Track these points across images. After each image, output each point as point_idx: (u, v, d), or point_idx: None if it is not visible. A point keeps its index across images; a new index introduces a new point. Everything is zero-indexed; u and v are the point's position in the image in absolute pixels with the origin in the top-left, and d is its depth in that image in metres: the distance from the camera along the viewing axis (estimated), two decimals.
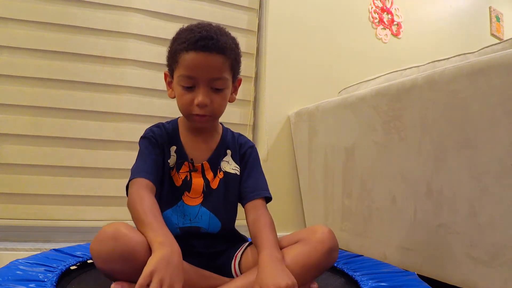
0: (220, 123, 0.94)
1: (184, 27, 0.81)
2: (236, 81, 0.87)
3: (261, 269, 0.66)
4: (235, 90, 0.88)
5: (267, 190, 0.88)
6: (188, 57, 0.76)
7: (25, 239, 1.39)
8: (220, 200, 0.85)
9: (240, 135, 0.95)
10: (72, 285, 0.78)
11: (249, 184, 0.87)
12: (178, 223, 0.82)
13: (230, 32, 0.83)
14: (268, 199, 0.87)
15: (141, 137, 0.85)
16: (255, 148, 0.94)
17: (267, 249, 0.70)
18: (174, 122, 0.90)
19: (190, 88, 0.78)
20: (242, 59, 0.87)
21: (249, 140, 0.95)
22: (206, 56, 0.75)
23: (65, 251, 0.94)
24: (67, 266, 0.84)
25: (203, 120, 0.80)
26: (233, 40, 0.82)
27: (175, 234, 0.79)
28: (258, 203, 0.85)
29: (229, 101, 0.87)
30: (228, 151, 0.89)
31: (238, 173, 0.88)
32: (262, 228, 0.77)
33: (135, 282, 0.58)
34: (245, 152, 0.91)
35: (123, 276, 0.63)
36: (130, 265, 0.62)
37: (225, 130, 0.93)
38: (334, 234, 0.73)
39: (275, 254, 0.69)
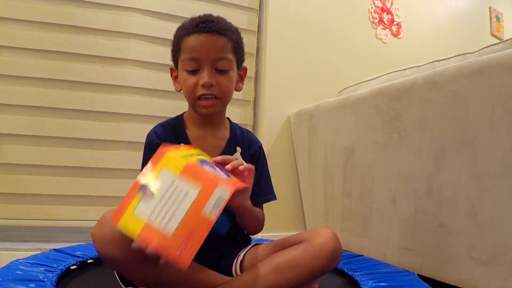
0: (227, 118, 0.92)
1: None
2: (241, 69, 0.86)
3: None
4: (241, 79, 0.87)
5: (273, 192, 0.89)
6: (190, 40, 0.77)
7: (25, 239, 1.39)
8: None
9: (248, 131, 0.93)
10: (72, 285, 0.78)
11: (258, 188, 0.86)
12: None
13: None
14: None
15: (146, 139, 0.84)
16: (263, 148, 0.93)
17: None
18: (179, 119, 0.87)
19: (194, 72, 0.78)
20: None
21: (257, 139, 0.94)
22: (208, 36, 0.76)
23: (65, 251, 0.94)
24: (67, 266, 0.85)
25: (209, 104, 0.78)
26: (234, 26, 0.83)
27: None
28: (260, 206, 0.87)
29: (236, 90, 0.86)
30: (238, 149, 0.87)
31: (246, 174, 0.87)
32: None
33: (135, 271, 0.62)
34: (255, 152, 0.89)
35: (122, 261, 0.62)
36: (130, 250, 0.61)
37: (234, 126, 0.91)
38: (338, 237, 0.73)
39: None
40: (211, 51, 0.76)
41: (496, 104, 0.83)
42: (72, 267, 0.86)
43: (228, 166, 0.65)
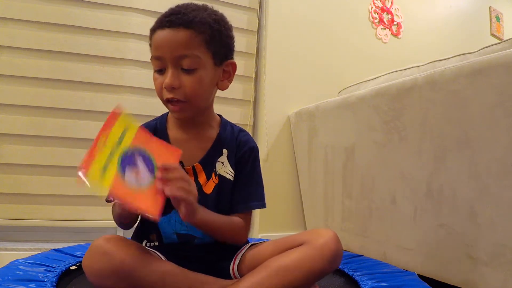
0: (219, 115, 0.85)
1: None
2: (225, 64, 0.76)
3: None
4: (227, 76, 0.78)
5: (261, 200, 0.82)
6: (155, 37, 0.71)
7: (25, 239, 1.39)
8: (214, 208, 0.77)
9: (241, 130, 0.85)
10: (72, 285, 0.78)
11: (241, 194, 0.80)
12: (176, 229, 0.78)
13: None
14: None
15: None
16: (256, 149, 0.84)
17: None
18: (163, 118, 0.83)
19: (161, 71, 0.71)
20: (242, 58, 0.81)
21: (251, 139, 0.85)
22: (170, 31, 0.69)
23: (65, 251, 0.94)
24: (67, 266, 0.85)
25: (177, 109, 0.72)
26: (214, 15, 0.73)
27: (172, 240, 0.78)
28: (242, 215, 0.80)
29: (220, 88, 0.78)
30: (224, 151, 0.80)
31: (232, 179, 0.80)
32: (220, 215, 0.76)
33: None
34: (243, 154, 0.81)
35: None
36: (124, 281, 0.61)
37: (224, 125, 0.83)
38: (339, 238, 0.71)
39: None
40: (173, 49, 0.68)
41: (496, 104, 0.83)
42: (72, 267, 0.86)
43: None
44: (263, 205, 0.82)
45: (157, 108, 1.55)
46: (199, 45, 0.70)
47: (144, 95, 1.56)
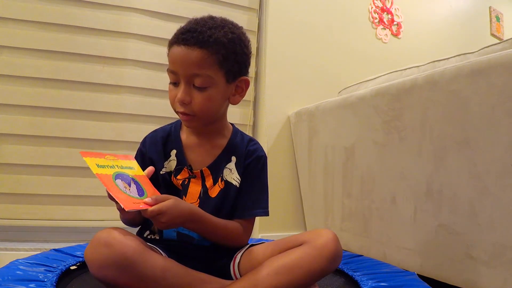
0: (232, 124, 0.88)
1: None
2: (238, 80, 0.78)
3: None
4: (239, 91, 0.80)
5: (265, 208, 0.83)
6: (172, 51, 0.74)
7: (25, 239, 1.39)
8: (215, 212, 0.78)
9: (251, 140, 0.87)
10: (72, 285, 0.78)
11: (245, 200, 0.81)
12: (177, 228, 0.78)
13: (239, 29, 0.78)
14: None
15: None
16: (265, 158, 0.86)
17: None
18: (177, 123, 0.86)
19: (175, 84, 0.74)
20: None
21: (260, 148, 0.87)
22: (184, 49, 0.71)
23: (65, 251, 0.94)
24: (67, 266, 0.85)
25: (187, 119, 0.75)
26: (229, 34, 0.74)
27: (172, 237, 0.79)
28: (244, 220, 0.82)
29: (232, 103, 0.81)
30: (233, 158, 0.83)
31: (238, 185, 0.82)
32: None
33: None
34: (251, 162, 0.83)
35: (118, 283, 0.62)
36: (125, 272, 0.61)
37: (235, 134, 0.86)
38: (338, 238, 0.72)
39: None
40: (186, 67, 0.71)
41: (496, 104, 0.83)
42: (72, 267, 0.86)
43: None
44: (266, 213, 0.83)
45: (157, 108, 1.57)
46: (212, 65, 0.72)
47: (144, 95, 1.56)
